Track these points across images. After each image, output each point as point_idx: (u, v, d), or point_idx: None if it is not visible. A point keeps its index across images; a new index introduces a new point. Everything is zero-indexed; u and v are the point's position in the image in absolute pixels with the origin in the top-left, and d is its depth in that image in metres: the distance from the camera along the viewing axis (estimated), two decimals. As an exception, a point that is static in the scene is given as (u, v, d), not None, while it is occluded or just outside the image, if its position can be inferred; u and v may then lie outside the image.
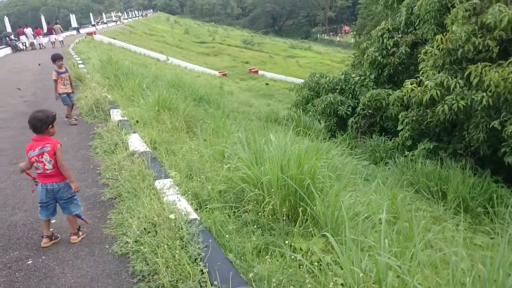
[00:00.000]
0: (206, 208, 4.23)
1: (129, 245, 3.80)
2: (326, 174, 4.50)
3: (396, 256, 3.13)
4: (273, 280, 2.99)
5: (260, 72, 49.60)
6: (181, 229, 3.63)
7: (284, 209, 3.99)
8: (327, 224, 3.71)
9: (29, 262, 3.80)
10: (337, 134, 14.76)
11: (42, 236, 4.17)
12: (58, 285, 3.43)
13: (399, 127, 11.86)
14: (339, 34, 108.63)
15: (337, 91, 15.39)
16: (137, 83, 10.60)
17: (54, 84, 9.05)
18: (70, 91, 9.16)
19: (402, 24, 15.08)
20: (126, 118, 7.84)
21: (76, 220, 4.23)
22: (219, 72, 45.07)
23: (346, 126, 15.40)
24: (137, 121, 7.46)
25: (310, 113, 15.72)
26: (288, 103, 35.31)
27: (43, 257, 3.87)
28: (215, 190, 4.52)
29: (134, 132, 6.85)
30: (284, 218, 3.97)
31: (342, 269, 3.10)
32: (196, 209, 4.17)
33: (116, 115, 8.09)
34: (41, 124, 3.96)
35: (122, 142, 6.61)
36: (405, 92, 11.32)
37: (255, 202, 4.21)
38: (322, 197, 4.03)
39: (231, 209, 4.26)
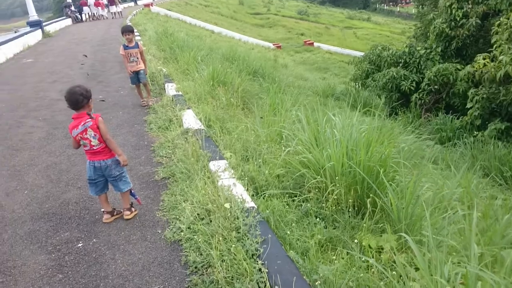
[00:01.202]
0: (263, 194, 3.91)
1: (182, 232, 3.57)
2: (397, 161, 4.03)
3: (486, 265, 2.68)
4: (341, 287, 2.64)
5: (315, 44, 48.32)
6: (237, 218, 3.34)
7: (350, 200, 3.59)
8: (401, 220, 3.29)
9: (80, 245, 3.66)
10: (399, 110, 14.00)
11: (102, 211, 4.10)
12: (107, 273, 3.26)
13: (468, 105, 10.98)
14: (399, 4, 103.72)
15: (400, 64, 14.48)
16: (192, 56, 10.35)
17: (123, 59, 7.94)
18: (140, 68, 7.80)
19: (473, -7, 13.84)
20: (180, 93, 7.63)
21: (128, 196, 4.09)
22: (273, 44, 44.31)
23: (408, 102, 14.55)
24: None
25: (370, 88, 14.97)
26: (345, 77, 34.25)
27: (94, 239, 3.72)
28: (273, 174, 4.19)
29: (189, 108, 6.62)
30: (349, 209, 3.58)
31: (417, 270, 2.70)
32: (253, 195, 3.86)
33: (170, 89, 7.90)
34: (82, 98, 3.76)
35: (177, 119, 6.40)
36: (476, 68, 10.42)
37: (316, 189, 3.85)
38: (394, 188, 3.59)
39: (290, 197, 3.93)
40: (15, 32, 23.11)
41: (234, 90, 7.67)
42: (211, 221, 3.48)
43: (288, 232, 3.29)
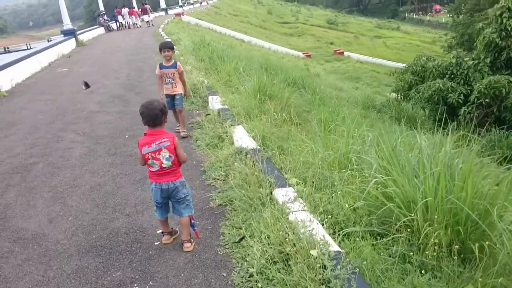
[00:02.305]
0: (343, 231, 3.36)
1: (253, 277, 3.05)
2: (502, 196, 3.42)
3: None
4: None
5: (346, 53, 47.59)
6: (324, 268, 2.80)
7: (455, 245, 3.01)
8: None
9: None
10: (445, 124, 13.23)
11: (162, 233, 3.80)
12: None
13: (529, 121, 10.20)
14: (429, 13, 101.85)
15: (447, 76, 13.72)
16: (233, 66, 9.91)
17: (157, 81, 6.65)
18: (176, 92, 6.57)
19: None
20: (227, 107, 7.16)
21: (189, 225, 3.66)
22: (303, 53, 43.83)
23: (454, 116, 13.75)
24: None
25: (414, 100, 14.25)
26: (377, 87, 33.54)
27: (151, 282, 3.24)
28: (350, 206, 3.64)
29: (239, 124, 6.14)
30: (454, 257, 3.00)
31: None
32: (333, 232, 3.32)
33: (215, 102, 7.44)
34: (161, 114, 3.45)
35: (226, 135, 5.93)
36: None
37: (409, 230, 3.27)
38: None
39: (374, 236, 3.37)
40: (48, 41, 23.30)
41: (284, 104, 7.16)
42: (289, 266, 2.95)
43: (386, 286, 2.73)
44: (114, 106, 9.06)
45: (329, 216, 3.50)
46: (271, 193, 4.03)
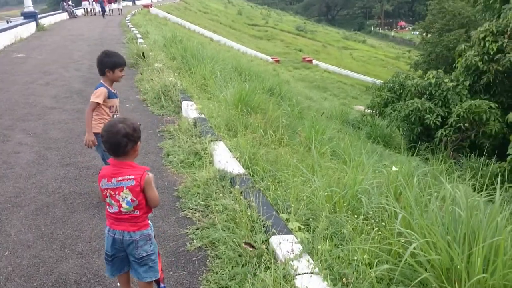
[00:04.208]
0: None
1: None
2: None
3: None
4: None
5: (314, 61, 47.44)
6: None
7: None
8: None
9: None
10: (420, 145, 12.84)
11: None
12: None
13: (510, 151, 9.89)
14: (394, 29, 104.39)
15: (425, 96, 13.39)
16: (209, 69, 9.03)
17: (89, 114, 4.18)
18: None
19: (510, 28, 12.88)
20: (204, 116, 6.30)
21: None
22: (271, 58, 43.24)
23: (429, 137, 13.47)
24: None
25: (389, 118, 13.84)
26: (344, 98, 33.44)
27: None
28: (375, 273, 2.87)
29: (219, 140, 5.30)
30: None
31: None
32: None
33: (190, 110, 6.56)
34: (126, 141, 2.43)
35: (205, 152, 5.07)
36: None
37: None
38: None
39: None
40: (8, 22, 21.61)
41: (268, 119, 6.38)
42: None
43: None
44: (72, 103, 7.99)
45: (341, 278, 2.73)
46: (267, 240, 3.23)
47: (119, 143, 2.41)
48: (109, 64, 4.28)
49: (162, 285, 2.73)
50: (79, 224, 3.85)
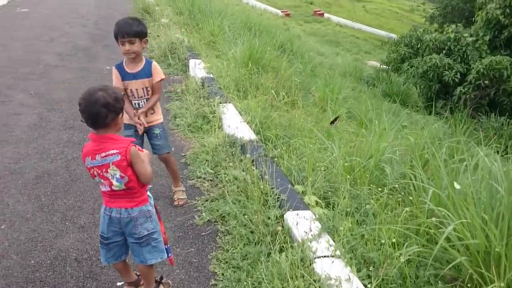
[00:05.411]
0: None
1: None
2: None
3: None
4: None
5: (326, 15, 45.92)
6: None
7: None
8: None
9: None
10: (437, 103, 12.35)
11: (121, 286, 2.62)
12: None
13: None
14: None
15: (444, 52, 12.76)
16: (218, 24, 8.55)
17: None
18: (156, 121, 3.42)
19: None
20: (212, 76, 5.94)
21: (153, 273, 2.52)
22: (281, 12, 41.87)
23: (447, 95, 12.96)
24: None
25: (406, 74, 13.28)
26: (356, 53, 32.40)
27: None
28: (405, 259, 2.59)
29: (229, 102, 4.97)
30: None
31: None
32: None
33: (198, 69, 6.20)
34: (106, 112, 2.10)
35: (213, 116, 4.77)
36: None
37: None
38: None
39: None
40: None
41: (280, 78, 6.00)
42: None
43: None
44: (77, 61, 7.64)
45: (368, 264, 2.49)
46: (282, 216, 2.97)
47: (98, 113, 2.08)
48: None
49: (167, 246, 2.47)
50: (82, 194, 3.63)
